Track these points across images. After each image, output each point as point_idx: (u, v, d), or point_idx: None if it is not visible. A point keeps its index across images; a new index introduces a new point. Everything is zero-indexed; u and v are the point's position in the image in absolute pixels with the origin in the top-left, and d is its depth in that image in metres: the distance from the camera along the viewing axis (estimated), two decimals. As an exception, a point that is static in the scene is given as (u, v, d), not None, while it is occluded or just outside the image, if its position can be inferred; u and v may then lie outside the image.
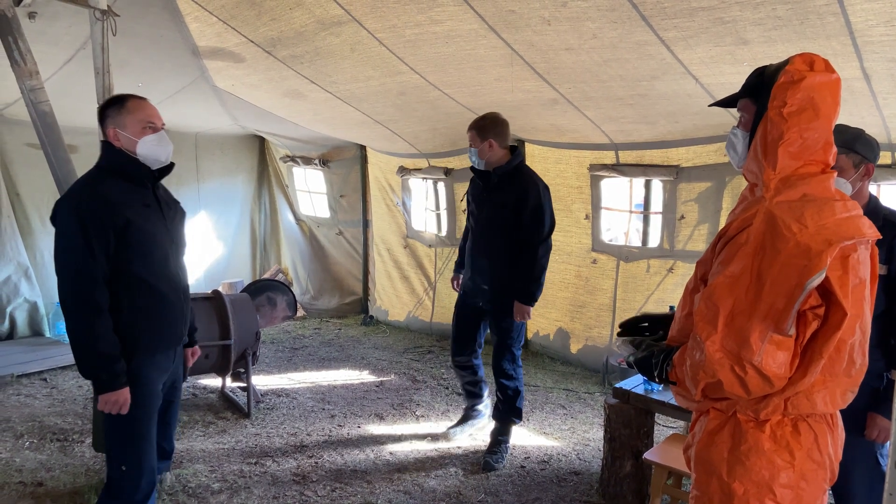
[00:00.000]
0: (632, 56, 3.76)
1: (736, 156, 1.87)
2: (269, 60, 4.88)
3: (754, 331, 1.59)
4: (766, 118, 1.71)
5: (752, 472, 1.70)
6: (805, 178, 1.69)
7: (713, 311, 1.64)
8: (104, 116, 2.68)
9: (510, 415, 4.15)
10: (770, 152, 1.70)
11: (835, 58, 3.22)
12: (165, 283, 2.70)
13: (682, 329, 1.88)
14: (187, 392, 5.26)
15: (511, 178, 3.91)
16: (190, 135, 7.91)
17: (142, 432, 2.68)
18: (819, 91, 1.68)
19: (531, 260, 3.85)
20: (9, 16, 3.17)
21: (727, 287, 1.64)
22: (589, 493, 3.71)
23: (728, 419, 1.76)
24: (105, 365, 2.50)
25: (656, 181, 5.42)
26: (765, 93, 1.72)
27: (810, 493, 1.72)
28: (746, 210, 1.73)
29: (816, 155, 1.71)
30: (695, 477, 1.82)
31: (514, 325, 4.01)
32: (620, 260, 5.61)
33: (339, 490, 3.72)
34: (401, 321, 7.46)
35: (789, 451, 1.70)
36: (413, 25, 3.96)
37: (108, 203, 2.52)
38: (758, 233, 1.64)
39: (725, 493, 1.73)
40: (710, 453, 1.78)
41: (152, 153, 2.68)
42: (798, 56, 1.71)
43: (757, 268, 1.62)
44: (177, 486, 3.67)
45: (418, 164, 6.92)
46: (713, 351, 1.62)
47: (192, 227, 8.17)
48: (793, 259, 1.56)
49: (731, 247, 1.70)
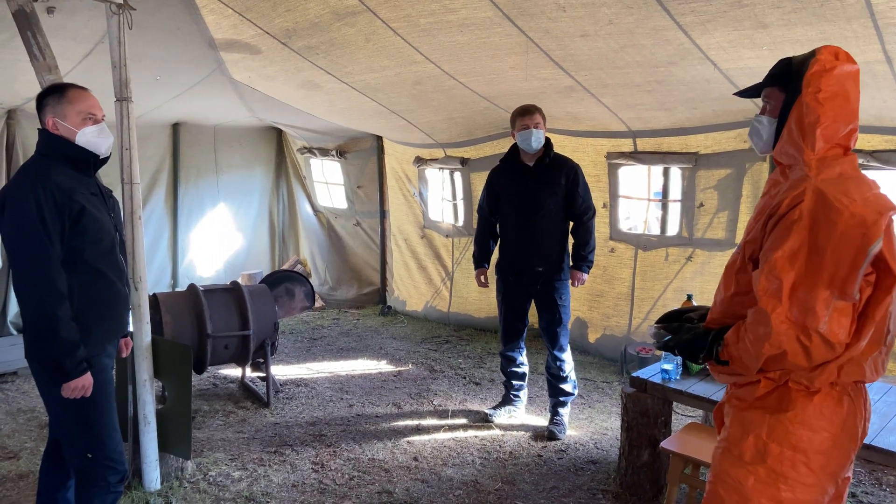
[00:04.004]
0: (649, 42, 3.72)
1: (760, 142, 2.00)
2: (284, 52, 4.89)
3: (819, 299, 1.70)
4: (801, 104, 1.83)
5: (791, 436, 1.82)
6: (837, 158, 1.84)
7: (776, 285, 1.74)
8: (43, 105, 2.58)
9: (568, 386, 4.38)
10: (808, 134, 1.83)
11: (856, 40, 3.16)
12: (115, 272, 2.68)
13: (726, 310, 1.98)
14: (208, 382, 5.33)
15: (555, 160, 4.23)
16: (208, 128, 7.96)
17: (105, 419, 2.65)
18: (848, 80, 1.83)
19: (588, 231, 4.28)
20: (27, 11, 3.20)
21: (787, 261, 1.74)
22: (606, 483, 3.71)
23: (778, 387, 1.87)
24: (69, 352, 2.45)
25: (675, 168, 5.36)
26: (795, 81, 1.86)
27: (839, 461, 1.84)
28: (794, 188, 1.82)
29: (842, 139, 1.85)
30: (729, 432, 1.94)
31: (569, 299, 4.33)
32: (639, 248, 5.57)
33: (357, 478, 3.75)
34: (418, 311, 7.48)
35: (830, 421, 1.82)
36: (427, 14, 3.94)
37: (62, 189, 2.47)
38: (810, 208, 1.75)
39: (760, 450, 1.85)
40: (752, 413, 1.89)
41: (92, 145, 2.60)
42: (824, 48, 1.86)
43: (813, 240, 1.73)
44: (198, 475, 3.72)
45: (435, 154, 6.91)
46: (779, 322, 1.72)
47: (212, 219, 8.25)
48: (850, 229, 1.69)
49: (784, 223, 1.79)
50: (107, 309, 2.66)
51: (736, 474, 1.89)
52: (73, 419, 2.59)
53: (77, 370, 2.48)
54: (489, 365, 5.77)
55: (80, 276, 2.54)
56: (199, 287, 4.68)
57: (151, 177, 7.49)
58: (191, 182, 7.96)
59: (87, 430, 2.61)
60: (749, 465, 1.87)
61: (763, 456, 1.84)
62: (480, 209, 4.55)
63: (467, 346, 6.38)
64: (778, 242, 1.78)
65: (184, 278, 7.83)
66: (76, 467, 2.67)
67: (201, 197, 8.09)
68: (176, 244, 7.88)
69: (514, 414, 4.61)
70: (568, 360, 4.35)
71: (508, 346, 4.49)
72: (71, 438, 2.63)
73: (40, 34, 3.24)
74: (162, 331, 4.30)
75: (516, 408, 4.63)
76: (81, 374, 2.49)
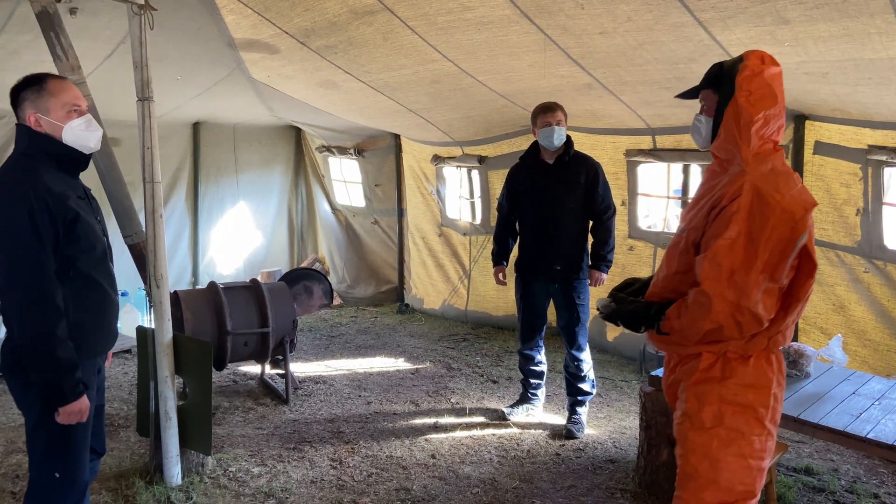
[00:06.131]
0: (668, 38, 3.69)
1: (700, 138, 2.24)
2: (303, 51, 4.92)
3: (753, 283, 1.96)
4: (735, 105, 2.05)
5: (739, 397, 2.09)
6: (769, 154, 2.08)
7: (717, 270, 1.99)
8: (20, 100, 2.31)
9: (586, 386, 4.36)
10: (744, 133, 2.05)
11: (879, 36, 3.11)
12: (108, 280, 2.49)
13: (666, 286, 2.23)
14: (227, 379, 5.38)
15: (575, 158, 4.22)
16: (228, 127, 8.03)
17: (80, 441, 2.41)
18: (774, 81, 2.05)
19: (607, 231, 4.27)
20: (50, 11, 3.24)
21: (727, 248, 1.98)
22: (625, 482, 3.69)
23: (718, 357, 2.13)
24: (67, 373, 2.24)
25: (695, 166, 5.32)
26: (726, 83, 2.08)
27: (777, 410, 2.15)
28: (733, 182, 2.05)
29: (773, 135, 2.09)
30: (686, 406, 2.17)
31: (588, 298, 4.29)
32: (658, 247, 5.53)
33: (374, 475, 3.77)
34: (436, 309, 7.48)
35: (766, 378, 2.11)
36: (445, 13, 3.94)
37: (54, 194, 2.23)
38: (746, 202, 1.98)
39: (716, 414, 2.10)
40: (702, 386, 2.14)
41: (80, 139, 2.36)
42: (751, 53, 2.08)
43: (749, 231, 1.96)
44: (218, 470, 3.76)
45: (452, 152, 6.91)
46: (718, 302, 1.98)
47: (232, 217, 8.32)
48: (781, 223, 1.95)
49: (724, 215, 2.02)
50: (100, 320, 2.47)
51: (701, 440, 2.12)
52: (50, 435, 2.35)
53: (74, 393, 2.26)
54: (507, 363, 5.77)
55: (73, 287, 2.32)
56: (219, 284, 4.72)
57: (172, 175, 7.58)
58: (211, 181, 8.03)
59: (59, 451, 2.38)
60: (710, 430, 2.10)
61: (720, 419, 2.09)
62: (500, 206, 4.55)
63: (485, 344, 6.38)
64: (718, 231, 2.01)
65: (204, 276, 7.91)
66: (35, 479, 2.42)
67: (221, 195, 8.16)
68: (196, 242, 7.97)
69: (531, 412, 4.60)
70: (586, 360, 4.33)
71: (527, 344, 4.49)
72: (45, 451, 2.37)
73: (63, 35, 3.29)
74: (183, 328, 4.35)
75: (534, 406, 4.62)
76: (78, 396, 2.28)
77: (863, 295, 4.38)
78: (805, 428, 2.92)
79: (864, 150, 4.20)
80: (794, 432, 3.48)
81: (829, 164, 4.44)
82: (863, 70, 3.51)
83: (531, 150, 4.30)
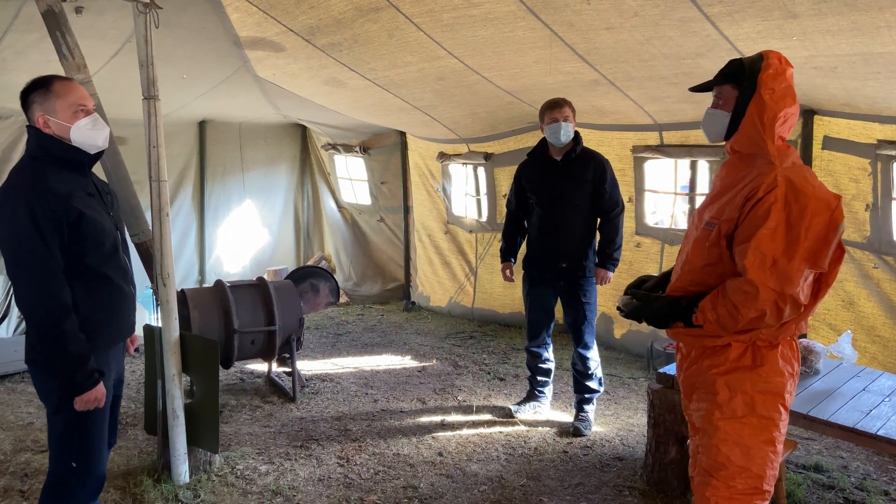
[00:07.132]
0: (675, 34, 3.67)
1: (714, 132, 2.28)
2: (308, 49, 4.91)
3: (796, 270, 2.02)
4: (759, 102, 2.11)
5: (770, 384, 2.16)
6: (787, 149, 2.16)
7: (761, 258, 2.03)
8: (29, 102, 2.40)
9: (594, 383, 4.34)
10: (769, 129, 2.12)
11: (888, 30, 3.09)
12: (119, 273, 2.57)
13: (694, 279, 2.25)
14: (234, 377, 5.39)
15: (583, 155, 4.17)
16: (234, 125, 8.04)
17: (96, 429, 2.52)
18: (791, 80, 2.14)
19: (615, 228, 4.22)
20: (56, 11, 3.25)
21: (769, 237, 2.03)
22: (633, 479, 3.68)
23: (748, 346, 2.18)
24: (79, 365, 2.36)
25: (702, 162, 5.29)
26: (749, 80, 2.14)
27: (793, 394, 2.24)
28: (766, 175, 2.10)
29: (785, 132, 2.17)
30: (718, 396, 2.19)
31: (595, 296, 4.27)
32: (665, 243, 5.50)
33: (381, 473, 3.77)
34: (442, 307, 7.48)
35: (791, 364, 2.20)
36: (450, 9, 3.93)
37: (58, 196, 2.33)
38: (782, 192, 2.05)
39: (748, 403, 2.16)
40: (734, 375, 2.18)
41: (88, 138, 2.45)
42: (770, 52, 2.16)
43: (787, 220, 2.02)
44: (225, 468, 3.77)
45: (458, 149, 6.90)
46: (765, 290, 2.02)
47: (238, 215, 8.34)
48: (819, 210, 2.02)
49: (762, 205, 2.06)
50: (113, 313, 2.56)
51: (732, 429, 2.17)
52: (65, 425, 2.47)
53: (88, 382, 2.39)
54: (514, 360, 5.76)
55: (83, 282, 2.43)
56: (225, 283, 4.73)
57: (179, 174, 7.59)
58: (217, 179, 8.05)
59: (77, 439, 2.49)
60: (742, 419, 2.16)
61: (752, 407, 2.16)
62: (508, 203, 4.53)
63: (491, 341, 6.37)
64: (759, 222, 2.05)
65: (211, 274, 7.93)
66: (53, 470, 2.53)
67: (228, 194, 8.18)
68: (203, 240, 7.99)
69: (538, 410, 4.59)
70: (594, 358, 4.32)
71: (534, 341, 4.47)
72: (62, 441, 2.49)
73: (69, 34, 3.30)
74: (190, 326, 4.35)
75: (541, 404, 4.61)
76: (93, 385, 2.40)
77: (872, 291, 4.35)
78: (815, 425, 2.90)
79: (874, 145, 4.17)
80: (803, 429, 3.45)
81: (838, 160, 4.41)
82: (872, 64, 3.49)
83: (539, 146, 4.28)
